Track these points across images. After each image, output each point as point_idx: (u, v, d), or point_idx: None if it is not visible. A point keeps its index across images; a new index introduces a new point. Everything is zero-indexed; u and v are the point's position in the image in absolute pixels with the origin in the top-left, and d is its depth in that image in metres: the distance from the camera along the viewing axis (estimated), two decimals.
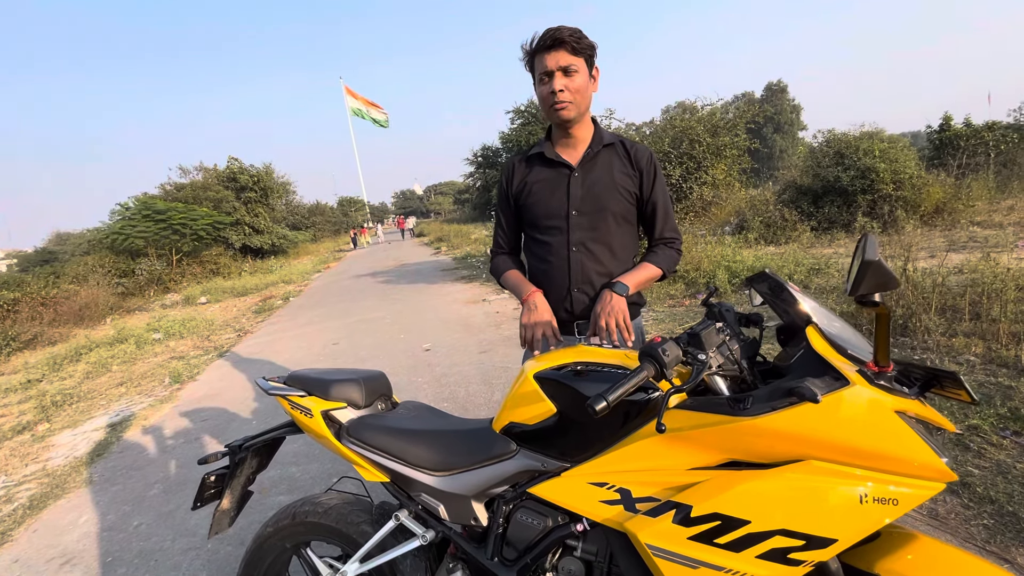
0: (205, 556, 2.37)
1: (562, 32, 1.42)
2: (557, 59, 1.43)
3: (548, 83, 1.46)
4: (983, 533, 1.86)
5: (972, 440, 2.38)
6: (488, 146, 31.10)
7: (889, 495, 0.83)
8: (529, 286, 1.63)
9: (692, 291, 6.09)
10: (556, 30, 1.43)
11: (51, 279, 14.77)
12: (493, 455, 1.17)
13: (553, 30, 1.43)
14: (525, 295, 1.59)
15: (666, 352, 0.92)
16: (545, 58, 1.44)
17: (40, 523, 2.93)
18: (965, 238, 7.32)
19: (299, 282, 14.86)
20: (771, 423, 0.87)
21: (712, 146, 10.99)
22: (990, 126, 12.93)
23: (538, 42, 1.45)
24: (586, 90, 1.50)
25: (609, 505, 1.02)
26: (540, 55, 1.45)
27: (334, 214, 47.08)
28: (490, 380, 4.13)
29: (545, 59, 1.44)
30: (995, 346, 3.25)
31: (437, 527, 1.25)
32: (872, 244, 0.81)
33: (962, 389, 0.88)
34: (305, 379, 1.43)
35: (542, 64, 1.45)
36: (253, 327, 8.49)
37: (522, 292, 1.62)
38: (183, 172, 23.42)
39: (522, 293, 1.61)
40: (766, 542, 0.85)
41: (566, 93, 1.45)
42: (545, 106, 1.51)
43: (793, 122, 48.39)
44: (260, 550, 1.45)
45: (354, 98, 33.17)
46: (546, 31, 1.44)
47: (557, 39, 1.42)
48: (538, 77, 1.48)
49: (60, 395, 5.63)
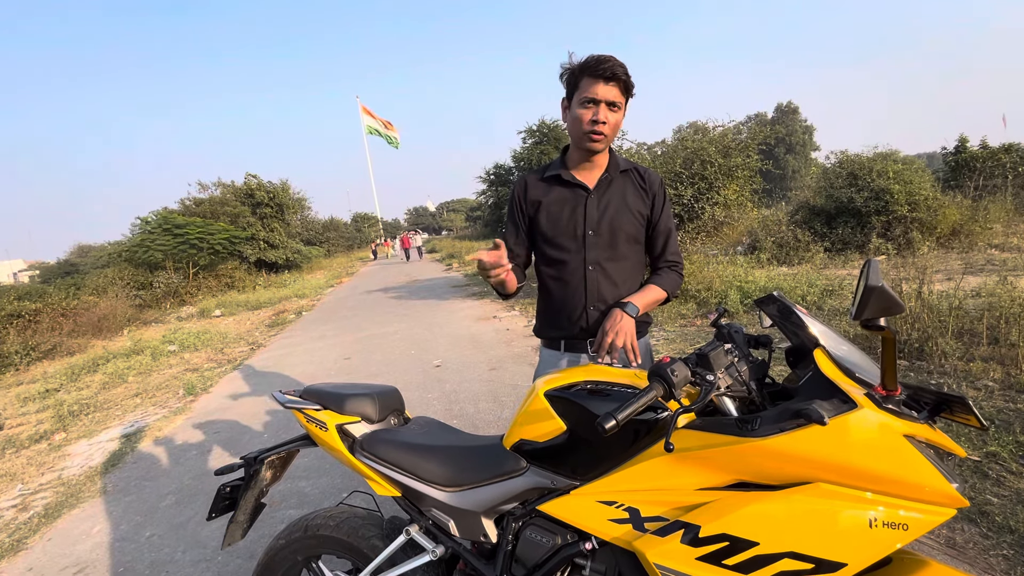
0: (216, 568, 2.38)
1: (620, 69, 1.43)
2: (608, 92, 1.45)
3: (592, 110, 1.47)
4: (1003, 564, 1.81)
5: (991, 468, 2.33)
6: (500, 165, 31.49)
7: (899, 520, 0.84)
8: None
9: (703, 311, 6.07)
10: (615, 64, 1.43)
11: (72, 291, 15.09)
12: (503, 472, 1.19)
13: (612, 63, 1.43)
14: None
15: (675, 372, 0.94)
16: (598, 87, 1.44)
17: (55, 532, 2.97)
18: (983, 261, 7.21)
19: (312, 297, 15.02)
20: (779, 444, 0.88)
21: (724, 167, 11.02)
22: (1007, 148, 12.81)
23: (594, 68, 1.43)
24: (619, 126, 1.56)
25: (618, 524, 1.03)
26: (593, 81, 1.44)
27: (348, 230, 47.76)
28: (499, 397, 4.13)
29: (597, 88, 1.44)
30: (1014, 371, 3.19)
31: (447, 543, 1.26)
32: (875, 270, 0.82)
33: (971, 414, 0.88)
34: (320, 393, 1.46)
35: (591, 90, 1.45)
36: (266, 341, 8.59)
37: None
38: (202, 188, 23.97)
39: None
40: (775, 564, 0.86)
41: (607, 127, 1.49)
42: (579, 130, 1.51)
43: (806, 143, 48.34)
44: (272, 562, 1.46)
45: (370, 117, 33.88)
46: (604, 59, 1.44)
47: (615, 74, 1.43)
48: (581, 99, 1.47)
49: (77, 405, 5.73)
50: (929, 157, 23.30)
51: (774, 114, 50.47)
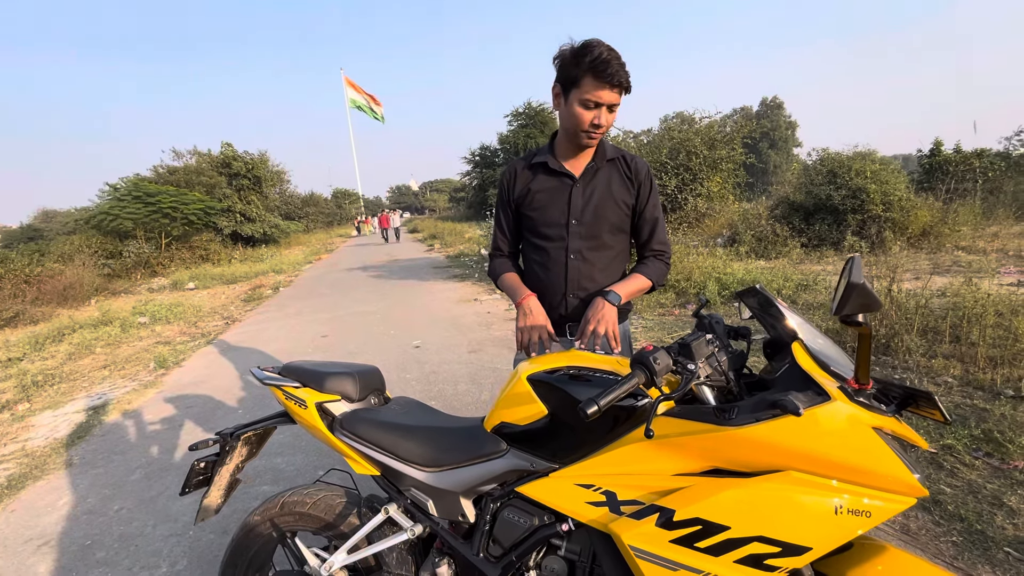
0: (187, 543, 2.36)
1: (624, 75, 1.44)
2: (611, 97, 1.46)
3: (593, 111, 1.48)
4: (951, 550, 1.92)
5: (946, 460, 2.45)
6: (486, 146, 31.21)
7: (863, 507, 0.87)
8: (524, 290, 1.66)
9: (682, 301, 6.16)
10: (622, 71, 1.43)
11: (36, 257, 14.53)
12: (483, 453, 1.20)
13: (617, 67, 1.42)
14: (520, 299, 1.63)
15: (657, 361, 0.95)
16: (602, 92, 1.44)
17: (18, 503, 2.90)
18: (949, 262, 7.47)
19: (290, 272, 14.75)
20: (754, 433, 0.91)
21: (709, 158, 11.11)
22: (979, 153, 13.22)
23: (601, 71, 1.41)
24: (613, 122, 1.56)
25: (595, 507, 1.05)
26: (598, 84, 1.43)
27: (328, 206, 46.79)
28: (479, 380, 4.15)
29: (601, 92, 1.44)
30: (972, 369, 3.34)
31: (425, 522, 1.27)
32: (858, 267, 0.84)
33: (936, 409, 0.92)
34: (300, 370, 1.45)
35: (595, 93, 1.44)
36: (242, 315, 8.43)
37: (517, 295, 1.65)
38: (176, 155, 23.16)
39: (517, 296, 1.65)
40: (744, 548, 0.89)
41: (604, 128, 1.51)
42: (577, 127, 1.52)
43: (788, 138, 49.03)
44: (247, 538, 1.46)
45: (355, 90, 33.04)
46: (609, 62, 1.41)
47: (621, 82, 1.44)
48: (582, 99, 1.46)
49: (41, 375, 5.55)
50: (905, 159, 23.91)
51: (759, 108, 50.95)
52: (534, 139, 28.18)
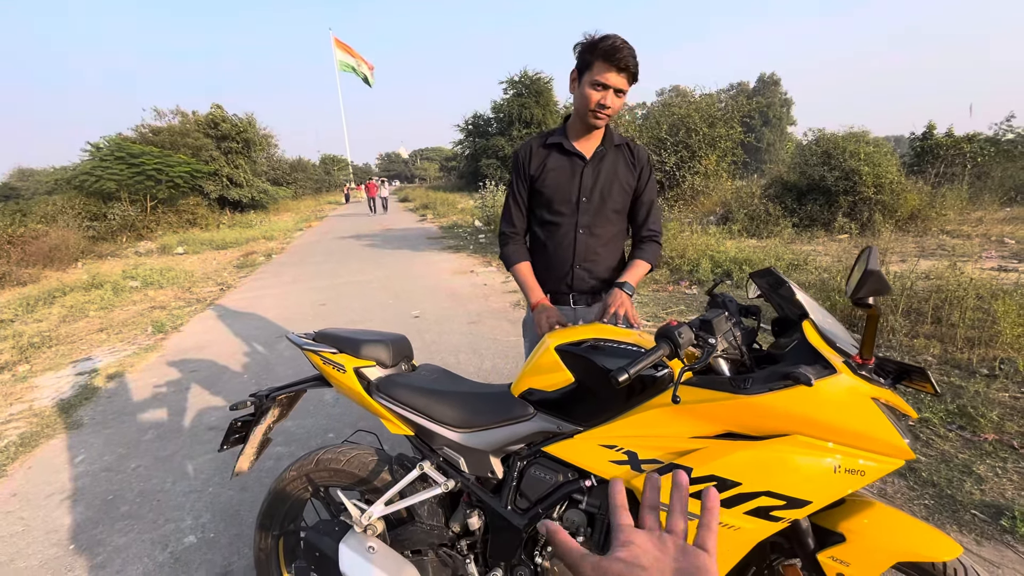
0: (208, 498, 2.48)
1: (631, 61, 1.54)
2: (618, 80, 1.57)
3: (601, 93, 1.59)
4: (923, 511, 2.10)
5: (922, 431, 2.63)
6: (479, 115, 30.59)
7: (858, 467, 0.99)
8: (538, 292, 1.81)
9: (676, 277, 6.30)
10: (628, 55, 1.53)
11: (17, 217, 14.18)
12: (512, 416, 1.30)
13: (626, 53, 1.53)
14: (534, 302, 1.78)
15: (681, 335, 1.05)
16: (610, 74, 1.55)
17: (34, 460, 2.98)
18: (935, 245, 7.68)
19: (281, 239, 14.62)
20: (767, 401, 1.02)
21: (708, 136, 11.10)
22: (970, 137, 13.34)
23: (610, 55, 1.52)
24: (620, 107, 1.68)
25: (617, 465, 1.16)
26: (606, 67, 1.54)
27: (316, 172, 45.87)
28: (479, 350, 4.27)
29: (609, 75, 1.55)
30: (951, 349, 3.53)
31: (456, 477, 1.38)
32: (875, 256, 0.94)
33: (928, 382, 1.04)
34: (336, 337, 1.52)
35: (603, 75, 1.56)
36: (236, 282, 8.41)
37: (531, 295, 1.80)
38: (159, 115, 22.39)
39: (532, 298, 1.80)
40: (753, 501, 1.01)
41: (611, 110, 1.63)
42: (585, 108, 1.64)
43: (783, 116, 48.76)
44: (283, 492, 1.56)
45: (344, 51, 31.99)
46: (619, 48, 1.52)
47: (628, 67, 1.55)
48: (592, 81, 1.58)
49: (38, 337, 5.56)
50: (897, 140, 24.01)
51: (756, 84, 50.44)
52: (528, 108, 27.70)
